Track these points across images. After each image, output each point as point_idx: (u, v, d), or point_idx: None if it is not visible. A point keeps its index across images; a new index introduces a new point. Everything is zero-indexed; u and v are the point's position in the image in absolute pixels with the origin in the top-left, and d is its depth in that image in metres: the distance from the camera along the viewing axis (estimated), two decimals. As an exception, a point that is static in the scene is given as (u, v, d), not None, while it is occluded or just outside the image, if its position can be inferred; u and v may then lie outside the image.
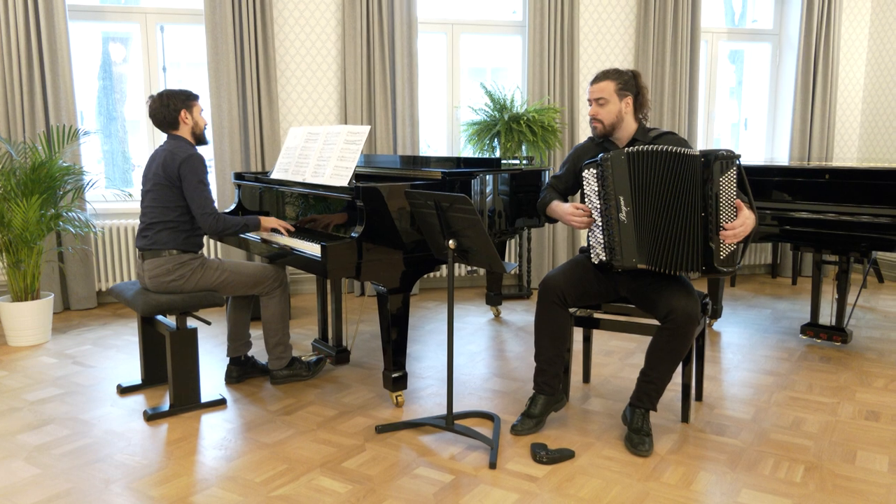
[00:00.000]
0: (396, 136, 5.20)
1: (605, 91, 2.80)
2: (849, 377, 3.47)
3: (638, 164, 2.62)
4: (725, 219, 2.51)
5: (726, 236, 2.50)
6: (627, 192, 2.64)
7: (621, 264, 2.69)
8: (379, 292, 2.96)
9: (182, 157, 2.99)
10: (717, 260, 2.54)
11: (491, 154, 5.00)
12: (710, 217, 2.52)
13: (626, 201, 2.65)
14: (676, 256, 2.59)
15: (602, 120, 2.83)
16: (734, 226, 2.49)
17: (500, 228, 3.55)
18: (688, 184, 2.54)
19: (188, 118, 3.11)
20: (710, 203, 2.51)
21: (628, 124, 2.85)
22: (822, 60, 5.81)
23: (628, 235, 2.67)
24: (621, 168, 2.64)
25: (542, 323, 2.79)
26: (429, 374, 3.52)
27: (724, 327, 4.41)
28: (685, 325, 2.55)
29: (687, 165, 2.54)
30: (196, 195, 2.99)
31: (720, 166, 2.49)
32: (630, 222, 2.65)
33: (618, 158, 2.64)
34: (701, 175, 2.51)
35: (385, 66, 5.07)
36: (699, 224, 2.54)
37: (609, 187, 2.66)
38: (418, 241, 2.93)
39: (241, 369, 3.41)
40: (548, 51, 5.32)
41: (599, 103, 2.82)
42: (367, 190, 2.82)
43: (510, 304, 5.05)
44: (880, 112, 6.06)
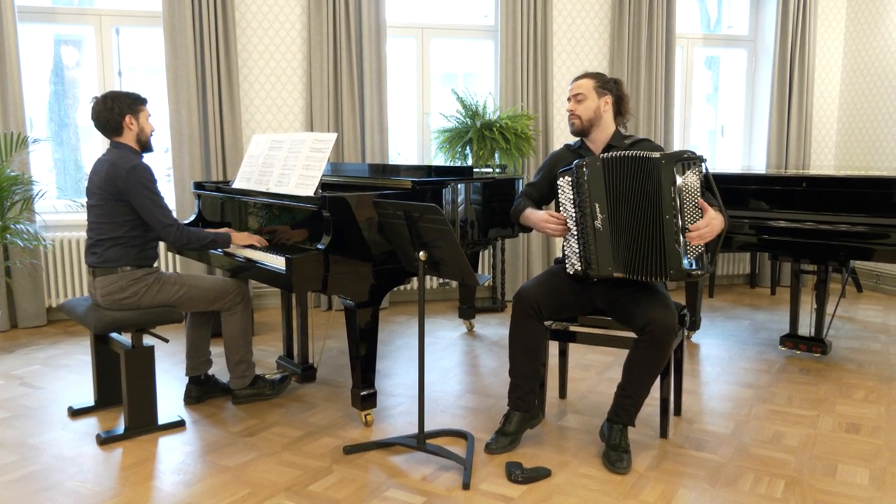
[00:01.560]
0: (365, 143, 5.19)
1: (583, 87, 2.87)
2: (829, 389, 3.53)
3: (613, 170, 2.65)
4: (690, 220, 2.55)
5: (691, 237, 2.53)
6: (603, 198, 2.67)
7: (597, 273, 2.72)
8: (347, 306, 2.94)
9: (126, 169, 2.91)
10: (684, 262, 2.57)
11: (463, 162, 5.01)
12: (674, 219, 2.55)
13: (601, 208, 2.67)
14: (649, 262, 2.62)
15: (580, 115, 2.88)
16: (698, 226, 2.53)
17: (473, 239, 3.56)
18: (654, 187, 2.58)
19: (133, 124, 3.03)
20: (674, 205, 2.54)
21: (606, 125, 2.89)
22: (797, 67, 5.95)
23: (604, 243, 2.69)
24: (596, 174, 2.67)
25: (517, 337, 2.80)
26: (399, 392, 3.51)
27: (702, 339, 4.46)
28: (663, 337, 2.58)
29: (651, 169, 2.58)
30: (151, 208, 2.94)
31: (682, 167, 2.53)
32: (605, 230, 2.68)
33: (593, 165, 2.67)
34: (664, 178, 2.54)
35: (353, 71, 5.07)
36: (664, 227, 2.57)
37: (584, 194, 2.69)
38: (388, 253, 2.93)
39: (200, 389, 3.37)
40: (521, 56, 5.37)
41: (577, 99, 2.88)
42: (334, 200, 2.81)
43: (484, 318, 5.06)
44: (856, 119, 6.21)
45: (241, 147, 4.97)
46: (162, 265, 4.92)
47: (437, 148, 5.13)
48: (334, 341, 4.44)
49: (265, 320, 4.98)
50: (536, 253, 5.59)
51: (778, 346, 4.12)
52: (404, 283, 3.05)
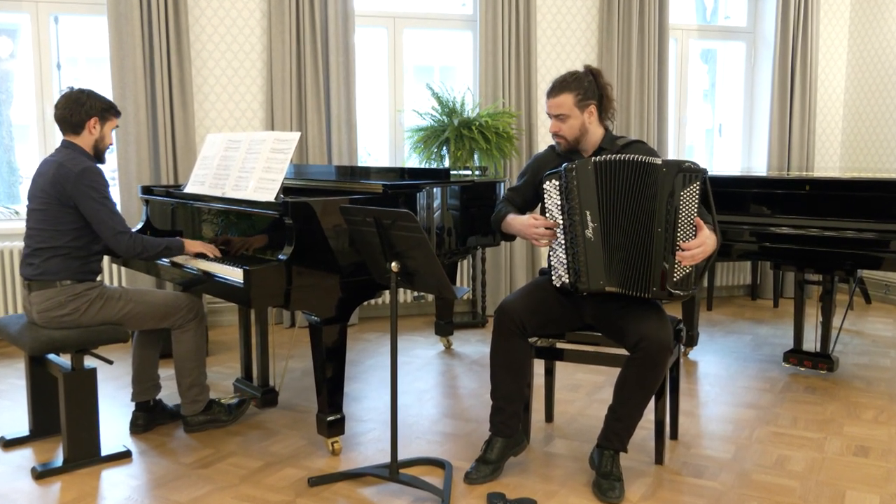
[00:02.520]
0: (331, 143, 5.18)
1: (564, 106, 2.84)
2: (836, 409, 3.58)
3: (606, 175, 2.67)
4: (683, 237, 2.57)
5: (683, 257, 2.55)
6: (595, 205, 2.69)
7: (587, 287, 2.73)
8: (312, 323, 2.93)
9: (76, 172, 2.92)
10: (670, 282, 2.59)
11: (439, 164, 5.02)
12: (667, 234, 2.58)
13: (593, 216, 2.69)
14: (635, 277, 2.64)
15: (565, 136, 2.88)
16: (691, 246, 2.54)
17: (450, 248, 3.56)
18: (650, 195, 2.60)
19: (96, 128, 3.06)
20: (668, 218, 2.57)
21: (594, 133, 2.90)
22: (799, 60, 6.05)
23: (595, 254, 2.71)
24: (588, 179, 2.69)
25: (499, 355, 2.80)
26: (370, 417, 3.49)
27: (700, 356, 4.50)
28: (657, 355, 2.59)
29: (650, 176, 2.60)
30: (101, 214, 2.93)
31: (683, 179, 2.55)
32: (597, 240, 2.70)
33: (584, 168, 2.69)
34: (662, 187, 2.57)
35: (318, 64, 5.06)
36: (653, 240, 2.60)
37: (574, 200, 2.70)
38: (357, 264, 2.92)
39: (148, 416, 3.33)
40: (502, 48, 5.40)
41: (560, 119, 2.86)
42: (298, 205, 2.80)
43: (463, 334, 5.06)
44: (863, 116, 6.33)
45: (194, 147, 4.94)
46: (105, 278, 4.86)
47: (410, 148, 5.14)
48: (298, 361, 4.41)
49: (221, 339, 4.94)
50: (520, 263, 5.61)
51: (781, 362, 4.17)
52: (375, 296, 3.04)
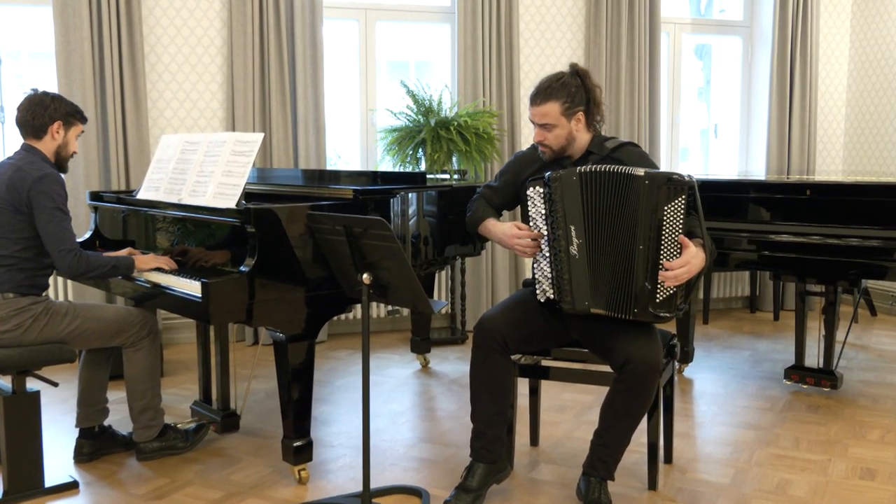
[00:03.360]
0: (297, 145, 5.17)
1: (549, 115, 2.82)
2: (840, 429, 3.61)
3: (591, 187, 2.66)
4: (667, 255, 2.57)
5: (666, 277, 2.55)
6: (580, 220, 2.68)
7: (572, 308, 2.73)
8: (276, 340, 2.92)
9: (35, 177, 2.93)
10: (653, 303, 2.60)
11: (415, 167, 5.03)
12: (649, 252, 2.58)
13: (577, 232, 2.68)
14: (624, 297, 2.64)
15: (551, 145, 2.88)
16: (674, 266, 2.55)
17: (427, 258, 3.56)
18: (632, 209, 2.60)
19: (60, 134, 3.10)
20: (651, 235, 2.57)
21: (581, 139, 2.90)
22: (799, 57, 6.12)
23: (580, 273, 2.70)
24: (572, 191, 2.68)
25: (479, 374, 2.80)
26: (340, 442, 3.48)
27: (696, 373, 4.54)
28: (644, 377, 2.60)
29: (632, 188, 2.60)
30: (52, 226, 2.93)
31: (667, 193, 2.54)
32: (583, 257, 2.69)
33: (568, 179, 2.67)
34: (644, 201, 2.57)
35: (283, 59, 5.06)
36: (635, 257, 2.60)
37: (558, 213, 2.70)
38: (325, 276, 2.91)
39: (95, 443, 3.30)
40: (482, 43, 5.43)
41: (545, 128, 2.85)
42: (261, 212, 2.79)
43: (441, 352, 5.06)
44: (866, 117, 6.42)
45: (147, 150, 4.91)
46: (51, 292, 4.81)
47: (383, 150, 5.14)
48: (261, 382, 4.39)
49: (177, 358, 4.90)
50: (502, 274, 5.62)
51: (782, 379, 4.21)
52: (345, 311, 3.04)
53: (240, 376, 4.44)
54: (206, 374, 3.75)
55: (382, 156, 5.20)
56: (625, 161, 2.86)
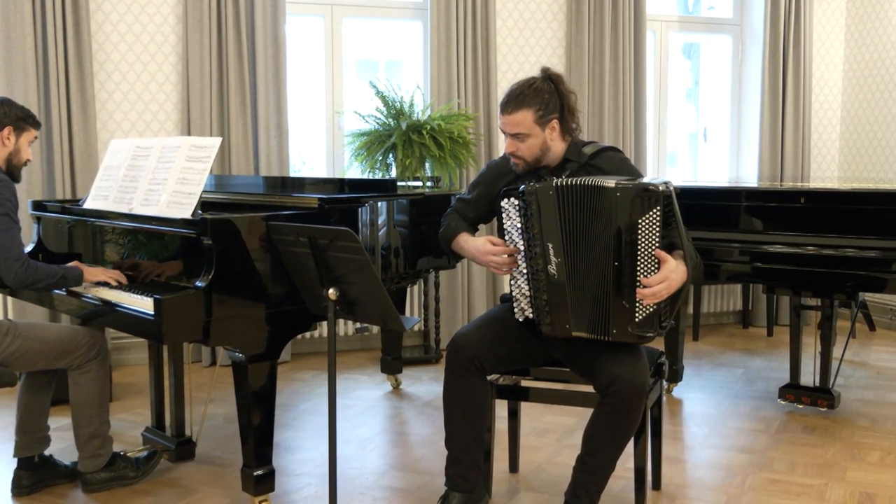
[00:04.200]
0: (258, 150, 5.16)
1: (522, 124, 2.82)
2: (838, 451, 3.65)
3: (568, 202, 2.66)
4: (644, 271, 2.58)
5: (644, 295, 2.56)
6: (558, 237, 2.68)
7: (551, 332, 2.74)
8: (235, 361, 2.90)
9: None
10: (632, 323, 2.62)
11: (385, 174, 5.03)
12: (624, 269, 2.59)
13: (556, 250, 2.68)
14: (603, 318, 2.65)
15: (524, 157, 2.88)
16: (651, 283, 2.56)
17: (398, 271, 3.56)
18: (605, 224, 2.61)
19: (10, 140, 3.11)
20: (626, 251, 2.58)
21: (556, 149, 2.91)
22: (792, 56, 6.21)
23: (559, 294, 2.71)
24: (549, 206, 2.68)
25: (453, 396, 2.80)
26: (305, 470, 3.47)
27: (685, 393, 4.57)
28: (630, 399, 2.61)
29: (604, 201, 2.61)
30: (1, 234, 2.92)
31: (639, 204, 2.55)
32: (562, 278, 2.70)
33: (545, 194, 2.67)
34: (617, 214, 2.58)
35: (243, 58, 5.05)
36: (611, 275, 2.62)
37: (534, 229, 2.70)
38: (288, 291, 2.91)
39: (35, 474, 3.26)
40: (457, 41, 5.45)
41: (518, 138, 2.86)
42: (218, 223, 2.79)
43: (414, 372, 5.06)
44: (863, 120, 6.51)
45: (95, 156, 4.88)
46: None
47: (351, 156, 5.14)
48: (219, 406, 4.37)
49: (127, 381, 4.87)
50: (479, 288, 5.63)
51: (777, 399, 4.24)
52: (310, 329, 3.03)
53: (195, 400, 4.41)
54: (159, 398, 3.72)
55: (350, 162, 5.20)
56: (604, 168, 2.88)
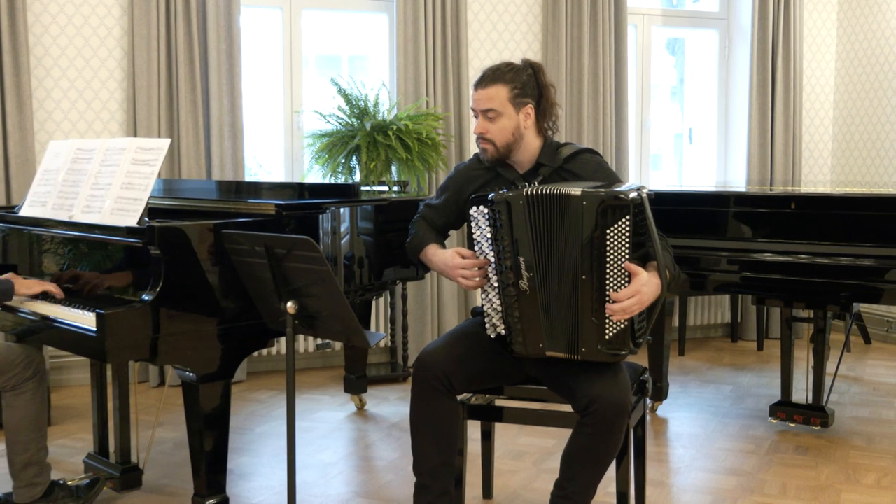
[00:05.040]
0: (211, 152, 5.14)
1: (495, 100, 2.84)
2: (832, 472, 3.69)
3: (539, 211, 2.67)
4: (613, 284, 2.59)
5: (613, 310, 2.57)
6: (529, 250, 2.68)
7: (524, 350, 2.75)
8: (186, 381, 2.89)
9: None
10: (602, 340, 2.63)
11: (348, 178, 5.03)
12: (593, 282, 2.60)
13: (527, 264, 2.68)
14: (573, 335, 2.66)
15: (493, 140, 2.89)
16: (621, 297, 2.56)
17: (362, 283, 3.56)
18: (574, 234, 2.62)
19: None
20: (594, 263, 2.59)
21: (530, 143, 2.93)
22: (781, 52, 6.29)
23: (532, 312, 2.71)
24: (520, 217, 2.68)
25: (421, 418, 2.80)
26: (262, 499, 3.45)
27: (671, 412, 4.60)
28: (611, 419, 2.62)
29: (570, 211, 2.62)
30: None
31: (608, 214, 2.56)
32: (535, 293, 2.70)
33: (515, 203, 2.67)
34: (583, 224, 2.59)
35: (194, 53, 5.03)
36: (579, 289, 2.62)
37: (504, 241, 2.69)
38: (243, 305, 2.90)
39: (-33, 506, 3.22)
40: (425, 35, 5.46)
41: (488, 116, 2.86)
42: (167, 231, 2.78)
43: (379, 391, 5.05)
44: (856, 120, 6.60)
45: (32, 158, 4.84)
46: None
47: (311, 158, 5.13)
48: (168, 430, 4.34)
49: (67, 403, 4.83)
50: (450, 301, 5.63)
51: (767, 417, 4.28)
52: (267, 345, 3.03)
53: (142, 424, 4.38)
54: (102, 422, 3.69)
55: (310, 165, 5.19)
56: (579, 173, 2.89)
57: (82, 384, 5.14)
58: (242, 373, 5.32)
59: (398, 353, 5.43)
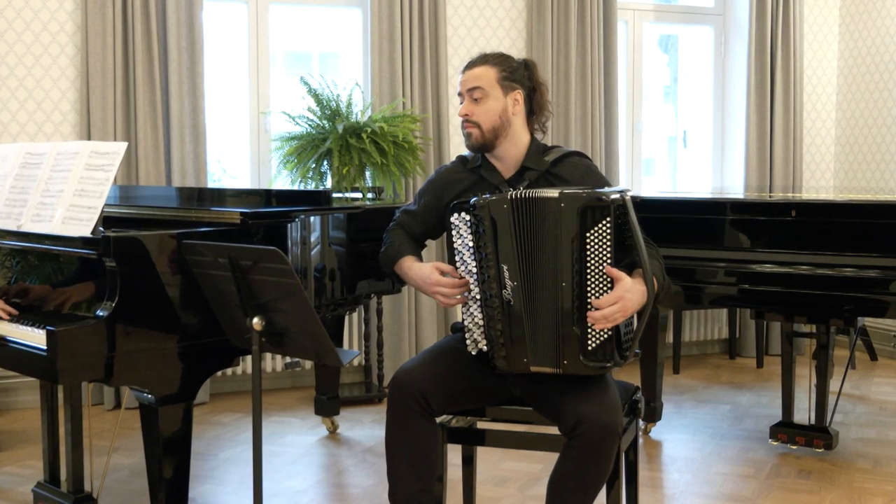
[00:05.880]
0: (171, 157, 5.13)
1: (482, 79, 2.89)
2: (836, 498, 3.72)
3: (524, 216, 2.67)
4: (595, 291, 2.60)
5: (594, 318, 2.58)
6: (513, 258, 2.68)
7: (507, 366, 2.74)
8: (144, 403, 2.88)
9: None
10: (584, 351, 2.63)
11: (318, 184, 5.03)
12: (574, 290, 2.61)
13: (511, 273, 2.69)
14: (555, 347, 2.66)
15: (479, 122, 2.90)
16: (602, 304, 2.57)
17: (334, 297, 3.56)
18: (553, 240, 2.63)
19: None
20: (574, 269, 2.59)
21: (517, 136, 2.95)
22: (781, 50, 6.33)
23: (516, 324, 2.71)
24: (504, 222, 2.68)
25: (397, 442, 2.79)
26: (226, 530, 3.44)
27: (665, 434, 4.61)
28: (600, 442, 2.61)
29: (548, 214, 2.62)
30: None
31: (587, 216, 2.57)
32: (519, 304, 2.70)
33: (498, 207, 2.68)
34: (563, 228, 2.60)
35: (153, 50, 5.01)
36: (561, 297, 2.63)
37: (487, 248, 2.69)
38: (206, 321, 2.89)
39: None
40: (401, 31, 5.47)
41: (474, 97, 2.90)
42: (123, 242, 2.77)
43: (353, 413, 5.04)
44: (860, 122, 6.65)
45: (-23, 162, 4.81)
46: None
47: (279, 163, 5.13)
48: (124, 456, 4.33)
49: (15, 427, 4.81)
50: (428, 316, 5.63)
51: (768, 439, 4.30)
52: (232, 364, 3.02)
53: (97, 449, 4.35)
54: (53, 448, 3.67)
55: (278, 170, 5.18)
56: (567, 177, 2.91)
57: (31, 407, 5.10)
58: (205, 394, 5.30)
59: (373, 372, 5.42)
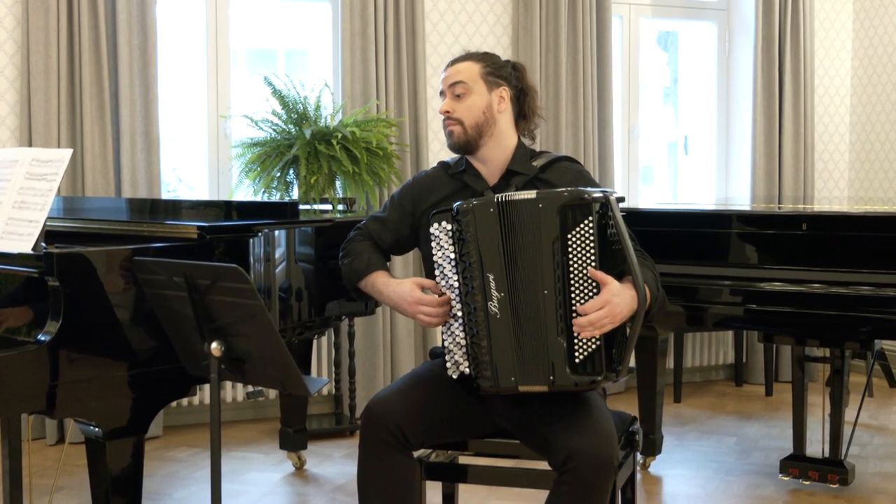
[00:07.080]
0: (121, 165, 5.11)
1: (465, 73, 2.91)
2: (853, 538, 3.73)
3: (511, 221, 2.69)
4: (579, 297, 2.61)
5: (580, 325, 2.58)
6: (499, 267, 2.69)
7: (494, 386, 2.74)
8: (90, 437, 2.87)
9: None
10: (571, 364, 2.63)
11: (284, 195, 5.02)
12: (557, 297, 2.62)
13: (497, 283, 2.69)
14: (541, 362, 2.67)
15: (461, 119, 2.92)
16: (588, 309, 2.57)
17: (301, 319, 3.55)
18: (535, 245, 2.64)
19: None
20: (557, 275, 2.61)
21: (503, 137, 2.97)
22: (790, 48, 6.36)
23: (503, 339, 2.71)
24: (489, 228, 2.69)
25: (371, 478, 2.78)
26: (181, 577, 3.43)
27: (665, 469, 4.62)
28: (593, 478, 2.60)
29: (528, 216, 2.64)
30: None
31: (569, 216, 2.59)
32: (506, 317, 2.70)
33: (484, 212, 2.69)
34: (544, 231, 2.62)
35: (101, 47, 5.01)
36: (544, 306, 2.64)
37: (472, 257, 2.70)
38: (159, 346, 2.89)
39: None
40: (375, 27, 5.48)
41: (456, 93, 2.92)
42: (68, 259, 2.76)
43: (322, 448, 5.03)
44: (877, 128, 6.68)
45: None
46: None
47: (241, 172, 5.12)
48: (69, 496, 4.31)
49: (-53, 465, 4.74)
50: (405, 340, 5.62)
51: (778, 474, 4.31)
52: (188, 394, 3.01)
53: (37, 488, 4.33)
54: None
55: (240, 179, 5.17)
56: (556, 182, 2.92)
57: (-36, 442, 5.07)
58: (158, 427, 5.27)
59: (344, 401, 5.41)
